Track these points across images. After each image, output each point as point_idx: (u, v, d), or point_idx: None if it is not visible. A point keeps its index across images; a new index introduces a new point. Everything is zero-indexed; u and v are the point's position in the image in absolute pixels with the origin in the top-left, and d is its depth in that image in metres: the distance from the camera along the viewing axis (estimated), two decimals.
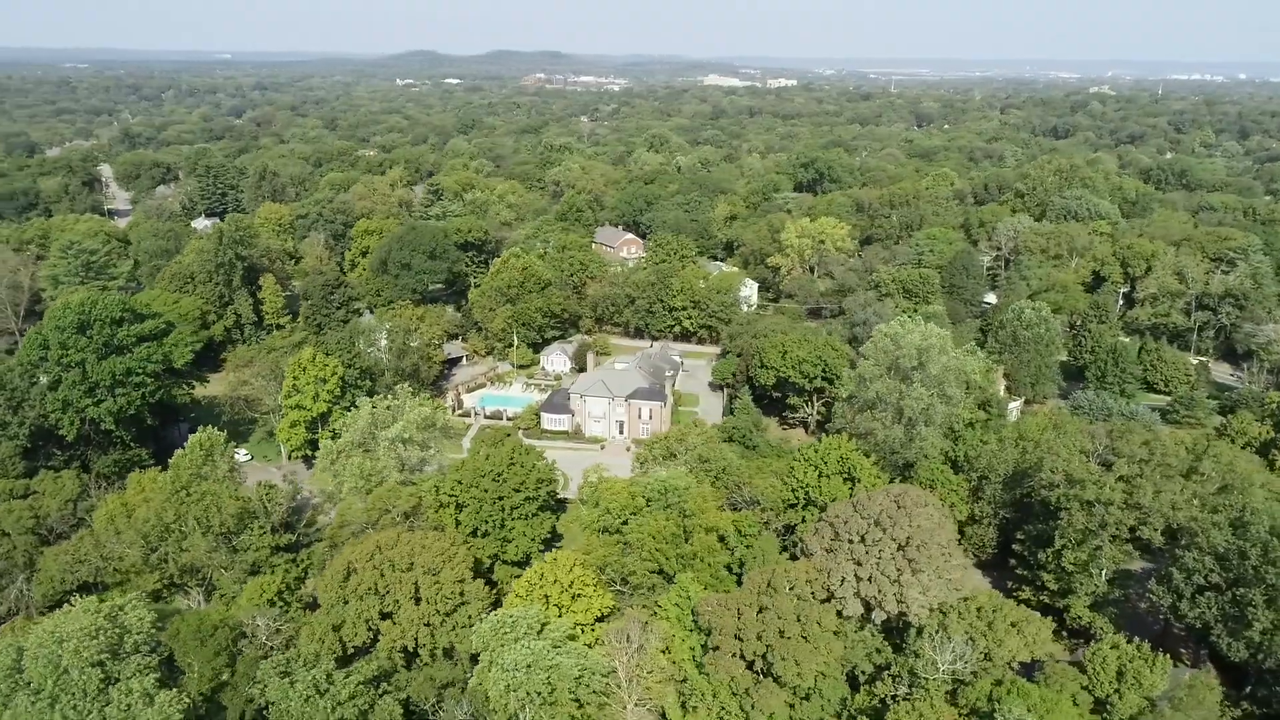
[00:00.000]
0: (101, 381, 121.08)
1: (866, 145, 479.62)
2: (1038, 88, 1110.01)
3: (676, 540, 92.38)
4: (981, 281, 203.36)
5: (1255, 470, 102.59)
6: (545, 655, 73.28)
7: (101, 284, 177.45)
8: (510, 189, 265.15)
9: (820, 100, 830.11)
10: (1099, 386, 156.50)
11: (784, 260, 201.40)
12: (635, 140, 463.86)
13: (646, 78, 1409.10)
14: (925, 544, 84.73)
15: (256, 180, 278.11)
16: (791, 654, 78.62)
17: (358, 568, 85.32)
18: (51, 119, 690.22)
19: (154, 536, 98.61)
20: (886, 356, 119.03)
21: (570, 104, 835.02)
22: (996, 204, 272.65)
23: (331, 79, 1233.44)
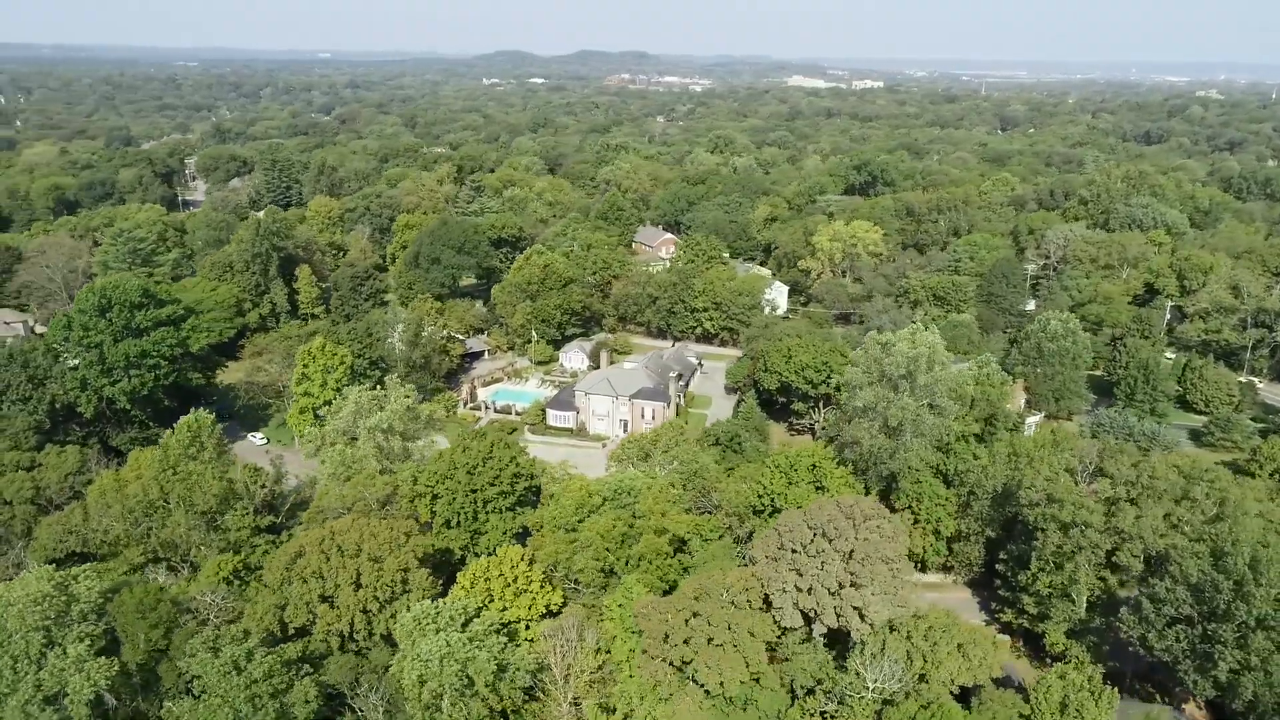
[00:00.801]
0: (117, 363, 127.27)
1: (940, 148, 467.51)
2: (1140, 91, 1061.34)
3: (627, 541, 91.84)
4: (1022, 290, 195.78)
5: (1257, 499, 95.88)
6: (460, 647, 73.71)
7: (148, 270, 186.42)
8: (553, 186, 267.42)
9: (903, 102, 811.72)
10: (1127, 404, 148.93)
11: (814, 264, 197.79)
12: (700, 141, 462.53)
13: (731, 78, 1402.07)
14: (869, 558, 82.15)
15: (315, 175, 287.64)
16: (716, 662, 77.26)
17: (306, 550, 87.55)
18: (155, 114, 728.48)
19: (139, 512, 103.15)
20: (876, 364, 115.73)
21: (648, 104, 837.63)
22: (1049, 210, 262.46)
23: (422, 78, 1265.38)
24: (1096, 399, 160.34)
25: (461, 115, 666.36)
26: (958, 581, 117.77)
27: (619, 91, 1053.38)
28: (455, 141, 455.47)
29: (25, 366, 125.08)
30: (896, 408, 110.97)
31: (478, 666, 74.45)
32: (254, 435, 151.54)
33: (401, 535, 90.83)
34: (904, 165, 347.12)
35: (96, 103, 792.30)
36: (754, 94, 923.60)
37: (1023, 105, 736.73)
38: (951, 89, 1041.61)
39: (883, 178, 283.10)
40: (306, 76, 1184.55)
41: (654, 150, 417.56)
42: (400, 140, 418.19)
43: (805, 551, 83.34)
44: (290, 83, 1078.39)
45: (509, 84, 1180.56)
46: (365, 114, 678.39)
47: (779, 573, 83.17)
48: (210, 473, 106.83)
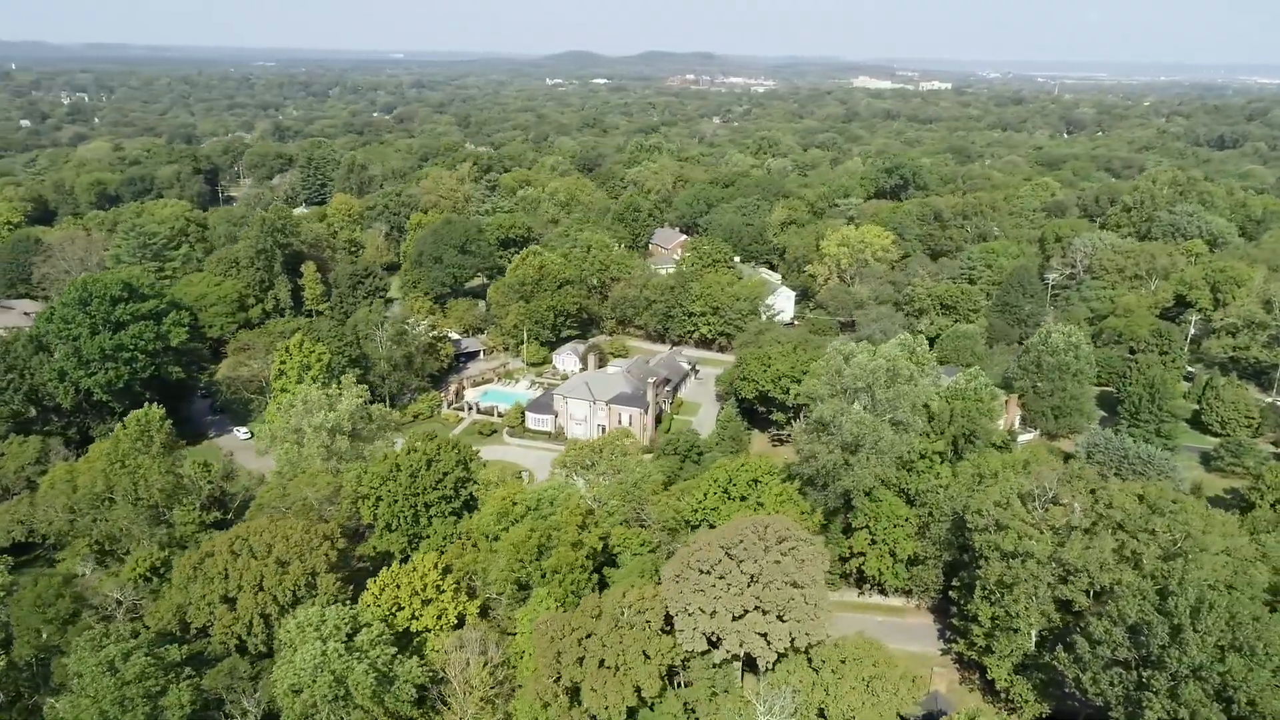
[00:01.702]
0: (93, 355, 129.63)
1: (994, 151, 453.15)
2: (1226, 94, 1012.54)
3: (544, 553, 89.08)
4: (1040, 301, 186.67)
5: (1227, 533, 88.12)
6: (336, 658, 71.99)
7: (158, 265, 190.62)
8: (575, 186, 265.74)
9: (967, 104, 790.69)
10: (1132, 424, 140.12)
11: (821, 269, 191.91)
12: (745, 142, 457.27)
13: (797, 79, 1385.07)
14: (775, 581, 77.87)
15: (345, 173, 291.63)
16: (603, 686, 74.01)
17: (216, 550, 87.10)
18: (224, 113, 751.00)
19: (83, 504, 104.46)
20: (837, 376, 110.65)
21: (706, 105, 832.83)
22: (1092, 218, 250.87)
23: (487, 78, 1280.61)
24: (1107, 417, 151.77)
25: (516, 115, 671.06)
26: (921, 606, 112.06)
27: (680, 92, 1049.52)
28: (499, 141, 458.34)
29: (4, 357, 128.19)
30: (852, 422, 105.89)
31: (355, 678, 72.64)
32: (240, 430, 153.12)
33: (316, 538, 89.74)
34: (944, 169, 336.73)
35: (172, 101, 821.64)
36: (815, 95, 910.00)
37: (1091, 108, 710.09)
38: (1022, 91, 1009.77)
39: (915, 181, 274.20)
40: (375, 76, 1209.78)
41: (697, 151, 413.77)
42: (441, 140, 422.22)
43: (712, 573, 79.50)
44: (358, 82, 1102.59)
45: (572, 84, 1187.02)
46: (422, 113, 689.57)
47: (682, 594, 79.48)
48: (157, 467, 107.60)
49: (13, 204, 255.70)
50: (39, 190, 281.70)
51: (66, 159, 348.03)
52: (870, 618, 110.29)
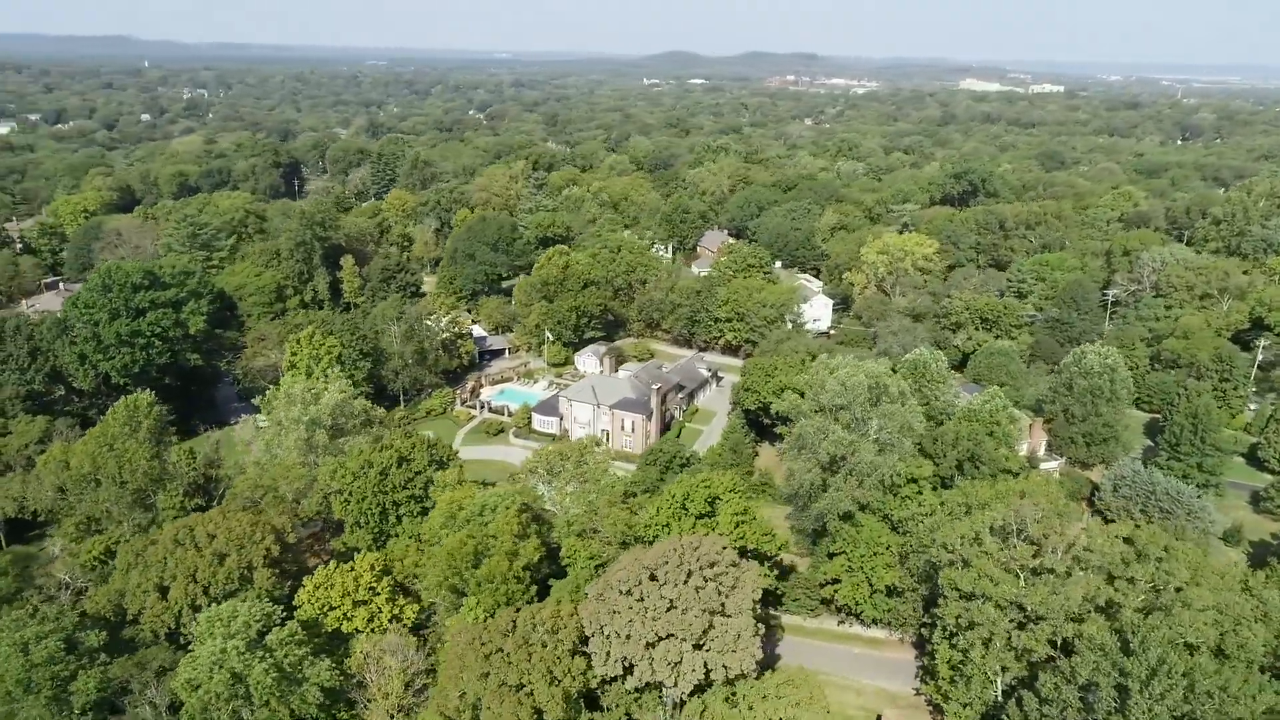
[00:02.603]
0: (110, 339, 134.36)
1: (1093, 158, 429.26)
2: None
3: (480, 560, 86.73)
4: (1096, 318, 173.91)
5: (1224, 587, 78.68)
6: (235, 655, 71.38)
7: (206, 254, 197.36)
8: (626, 186, 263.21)
9: (1075, 108, 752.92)
10: (1171, 455, 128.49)
11: (859, 277, 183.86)
12: (826, 144, 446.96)
13: (901, 81, 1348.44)
14: (691, 608, 73.43)
15: (409, 168, 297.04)
16: (499, 704, 71.11)
17: (159, 539, 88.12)
18: (328, 109, 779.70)
19: (71, 484, 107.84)
20: (819, 392, 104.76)
21: (800, 106, 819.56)
22: (1178, 231, 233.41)
23: (586, 78, 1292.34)
24: (1153, 447, 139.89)
25: (604, 114, 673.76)
26: (904, 640, 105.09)
27: (776, 93, 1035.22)
28: (578, 140, 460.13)
29: (30, 339, 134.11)
30: (830, 441, 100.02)
31: (255, 677, 71.91)
32: (261, 418, 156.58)
33: (259, 533, 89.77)
34: (1028, 175, 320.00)
35: (282, 98, 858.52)
36: (914, 97, 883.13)
37: (1212, 113, 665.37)
38: (1141, 95, 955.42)
39: (984, 187, 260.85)
40: (477, 76, 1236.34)
41: (774, 153, 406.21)
42: (515, 138, 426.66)
43: (631, 594, 75.62)
44: (460, 81, 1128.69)
45: (668, 84, 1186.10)
46: (513, 112, 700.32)
47: (599, 614, 75.89)
48: (142, 451, 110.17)
49: (100, 193, 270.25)
50: (127, 180, 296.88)
51: (161, 151, 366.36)
52: (846, 649, 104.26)
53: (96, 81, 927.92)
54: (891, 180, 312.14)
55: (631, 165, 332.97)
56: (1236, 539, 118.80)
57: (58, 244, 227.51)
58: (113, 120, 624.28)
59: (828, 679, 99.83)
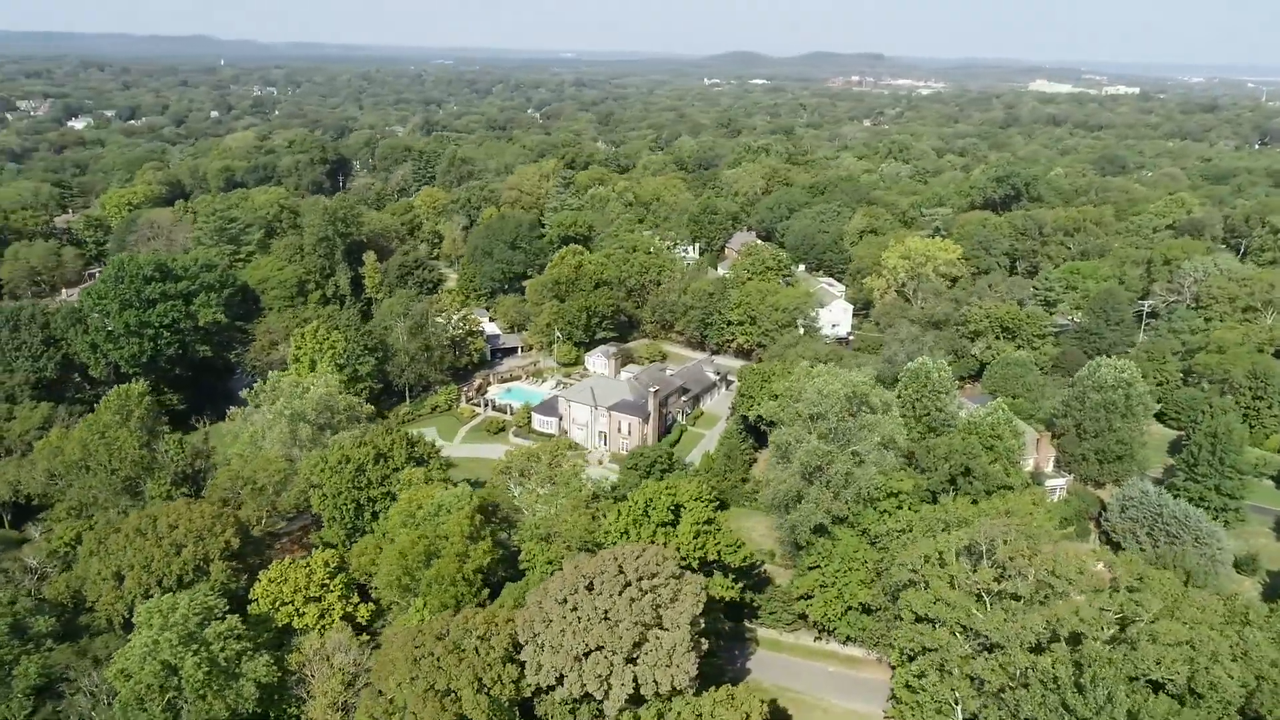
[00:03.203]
0: (119, 329, 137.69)
1: (1157, 163, 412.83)
2: None
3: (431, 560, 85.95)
4: (1128, 330, 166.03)
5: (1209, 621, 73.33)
6: (167, 647, 71.66)
7: (233, 248, 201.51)
8: (659, 186, 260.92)
9: (1149, 110, 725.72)
10: (1188, 477, 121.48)
11: (879, 282, 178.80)
12: (878, 145, 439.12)
13: (970, 82, 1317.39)
14: (623, 620, 71.30)
15: (446, 166, 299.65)
16: (422, 708, 69.95)
17: (123, 528, 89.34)
18: (390, 107, 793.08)
19: (63, 470, 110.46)
20: (796, 400, 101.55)
21: (860, 107, 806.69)
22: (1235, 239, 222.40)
23: (647, 78, 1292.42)
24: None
25: (659, 114, 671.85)
26: (882, 660, 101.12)
27: (837, 94, 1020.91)
28: (619, 139, 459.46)
29: (45, 327, 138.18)
30: (804, 451, 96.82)
31: (186, 670, 72.14)
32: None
33: (220, 525, 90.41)
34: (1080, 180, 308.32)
35: (347, 96, 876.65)
36: (979, 99, 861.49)
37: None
38: (1221, 97, 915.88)
39: (1027, 192, 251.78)
40: (538, 75, 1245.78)
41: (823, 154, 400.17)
42: (558, 137, 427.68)
43: (566, 603, 73.86)
44: (521, 80, 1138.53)
45: (729, 84, 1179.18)
46: (568, 111, 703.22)
47: (533, 622, 74.27)
48: (131, 440, 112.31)
49: (150, 186, 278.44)
50: (177, 175, 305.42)
51: (215, 146, 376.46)
52: (821, 666, 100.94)
53: (173, 79, 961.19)
54: (936, 183, 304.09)
55: (673, 165, 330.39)
56: (1252, 568, 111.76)
57: (102, 235, 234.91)
58: (182, 116, 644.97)
59: (796, 697, 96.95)
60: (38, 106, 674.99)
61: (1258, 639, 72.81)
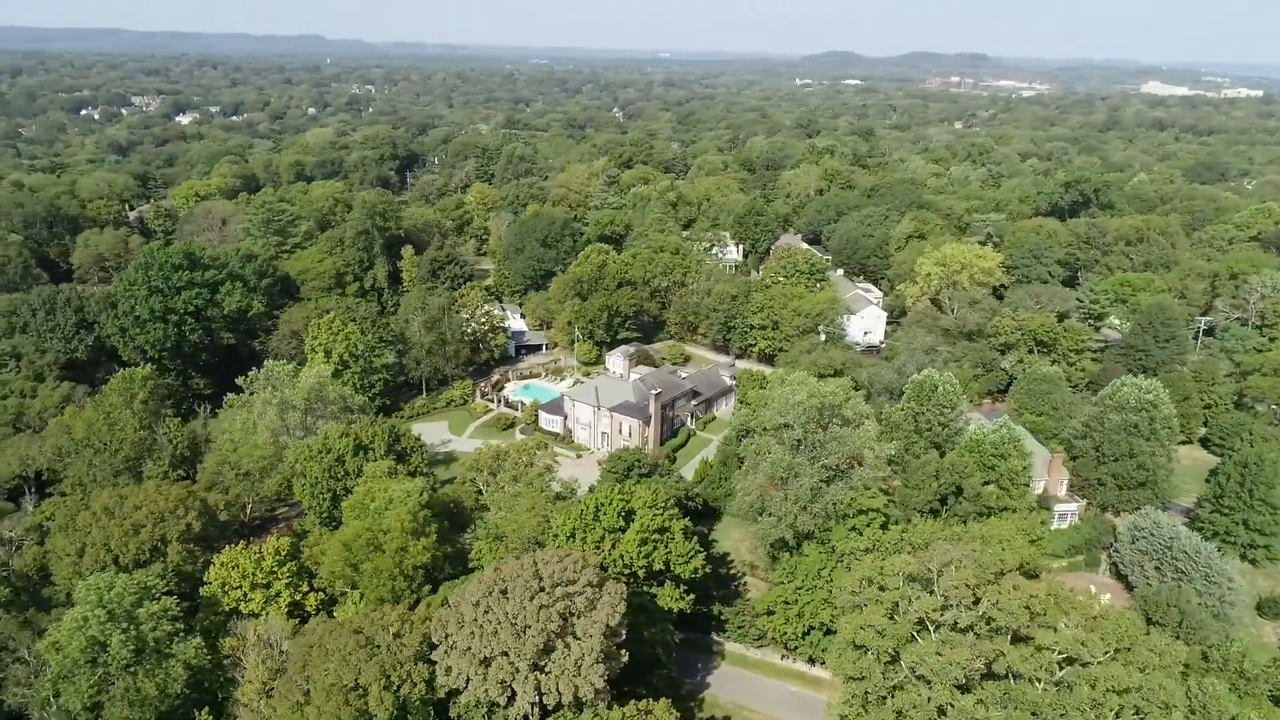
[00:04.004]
0: (144, 315, 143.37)
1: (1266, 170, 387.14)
2: None
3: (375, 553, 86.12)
4: (1179, 347, 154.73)
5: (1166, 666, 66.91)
6: (95, 623, 73.66)
7: (280, 239, 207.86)
8: (709, 187, 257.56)
9: (1270, 115, 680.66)
10: (1215, 509, 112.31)
11: (912, 290, 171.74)
12: (959, 148, 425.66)
13: (1078, 84, 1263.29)
14: (529, 627, 69.66)
15: (504, 163, 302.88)
16: (324, 701, 69.86)
17: (92, 505, 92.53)
18: (479, 105, 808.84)
19: (68, 448, 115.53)
20: (764, 410, 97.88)
21: (953, 108, 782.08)
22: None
23: (739, 78, 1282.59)
24: None
25: (740, 114, 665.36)
26: None
27: (933, 95, 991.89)
28: (693, 139, 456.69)
29: (79, 310, 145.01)
30: (768, 462, 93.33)
31: (114, 648, 74.03)
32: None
33: (183, 508, 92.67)
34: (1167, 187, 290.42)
35: (439, 95, 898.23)
36: (1082, 101, 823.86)
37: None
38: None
39: (1097, 198, 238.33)
40: (627, 75, 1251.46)
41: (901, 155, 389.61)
42: (628, 136, 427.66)
43: (479, 606, 72.72)
44: (612, 80, 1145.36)
45: (821, 85, 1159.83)
46: (649, 110, 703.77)
47: (447, 624, 73.36)
48: (133, 421, 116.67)
49: (225, 179, 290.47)
50: (253, 169, 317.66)
51: (295, 142, 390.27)
52: (783, 686, 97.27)
53: (279, 77, 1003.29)
54: (1006, 188, 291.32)
55: (738, 165, 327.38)
56: (1276, 611, 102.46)
57: (170, 225, 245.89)
58: (281, 112, 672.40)
59: (751, 715, 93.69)
60: (150, 103, 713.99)
61: (1218, 691, 66.17)
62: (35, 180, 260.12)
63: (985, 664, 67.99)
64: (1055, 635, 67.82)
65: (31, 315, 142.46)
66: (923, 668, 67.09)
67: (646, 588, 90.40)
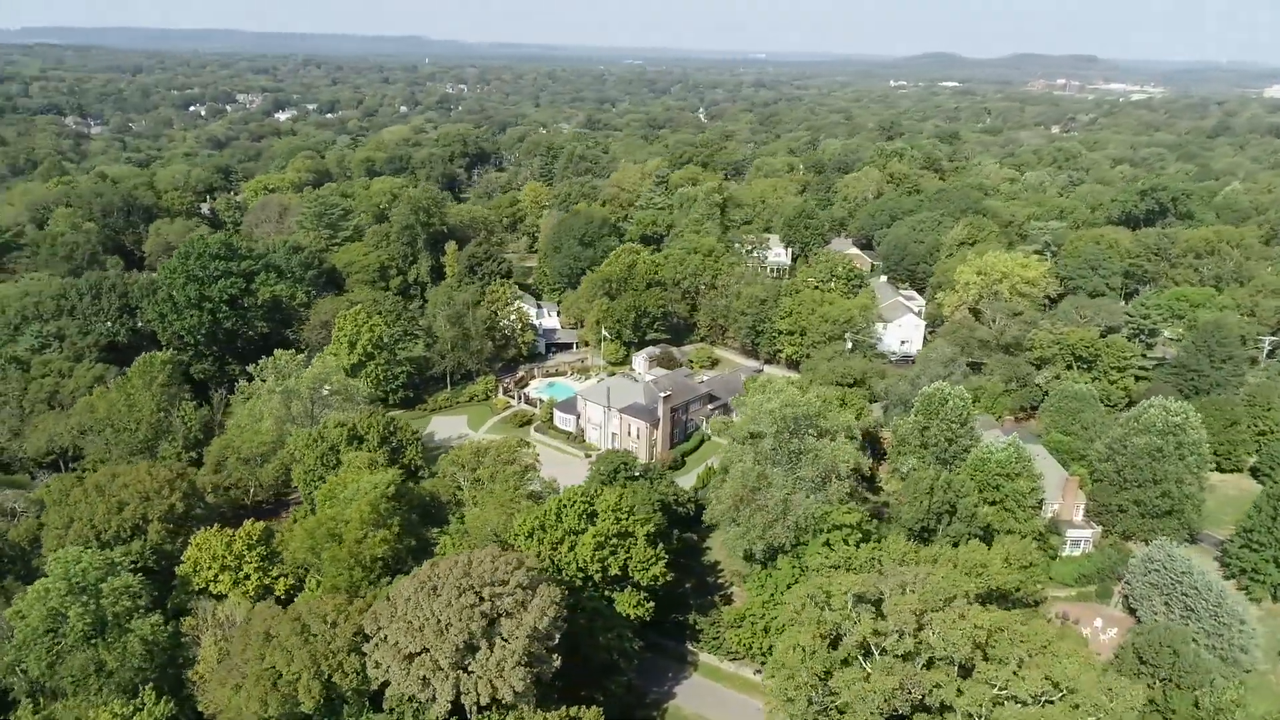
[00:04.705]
0: (180, 302, 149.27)
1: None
2: None
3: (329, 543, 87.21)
4: (1236, 367, 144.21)
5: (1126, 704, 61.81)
6: (55, 595, 76.65)
7: (330, 232, 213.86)
8: (765, 188, 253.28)
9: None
10: (1244, 544, 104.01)
11: (951, 298, 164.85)
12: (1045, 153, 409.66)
13: (1195, 87, 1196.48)
14: (452, 624, 69.14)
15: (565, 163, 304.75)
16: (252, 688, 70.96)
17: (85, 482, 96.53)
18: (566, 104, 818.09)
19: (89, 426, 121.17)
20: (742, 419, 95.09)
21: (1053, 112, 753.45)
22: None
23: (832, 79, 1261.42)
24: None
25: (825, 116, 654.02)
26: None
27: (1034, 98, 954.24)
28: (762, 139, 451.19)
29: (123, 296, 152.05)
30: (737, 468, 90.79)
31: (72, 619, 76.96)
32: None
33: (170, 489, 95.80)
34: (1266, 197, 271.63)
35: (526, 95, 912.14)
36: (1193, 105, 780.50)
37: None
38: None
39: (1175, 208, 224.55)
40: (718, 76, 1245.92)
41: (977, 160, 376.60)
42: (699, 136, 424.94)
43: (410, 601, 72.67)
44: (701, 80, 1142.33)
45: (915, 87, 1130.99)
46: (730, 112, 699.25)
47: (379, 617, 73.49)
48: (150, 403, 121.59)
49: (299, 174, 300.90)
50: (327, 165, 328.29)
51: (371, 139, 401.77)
52: (750, 702, 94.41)
53: (377, 76, 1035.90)
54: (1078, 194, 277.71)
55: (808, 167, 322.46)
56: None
57: (239, 216, 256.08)
58: (373, 110, 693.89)
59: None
60: (253, 100, 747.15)
61: None
62: (118, 171, 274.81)
63: (920, 695, 64.33)
64: (996, 670, 63.64)
65: (79, 299, 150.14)
66: (845, 694, 63.84)
67: (609, 592, 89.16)
